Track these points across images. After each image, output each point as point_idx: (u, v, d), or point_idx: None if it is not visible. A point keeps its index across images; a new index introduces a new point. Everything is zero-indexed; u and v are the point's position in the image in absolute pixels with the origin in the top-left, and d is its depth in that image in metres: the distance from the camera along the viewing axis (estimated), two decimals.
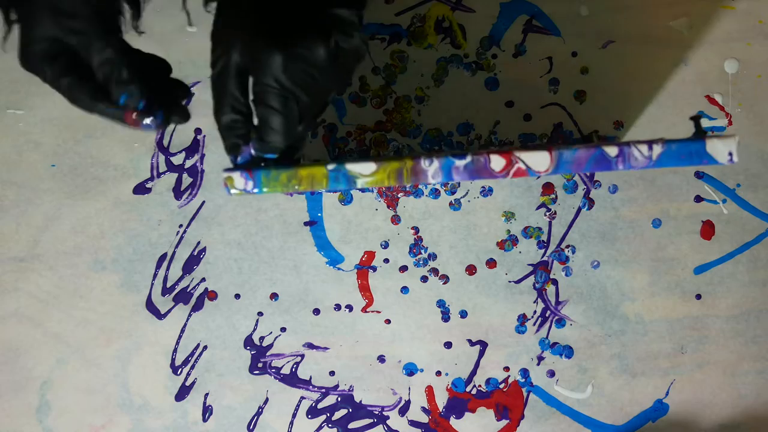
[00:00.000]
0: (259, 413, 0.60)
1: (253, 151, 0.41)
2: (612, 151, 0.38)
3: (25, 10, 0.41)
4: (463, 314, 0.60)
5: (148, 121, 0.41)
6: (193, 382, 0.60)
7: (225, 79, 0.40)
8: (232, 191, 0.40)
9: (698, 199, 0.60)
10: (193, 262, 0.60)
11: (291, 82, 0.39)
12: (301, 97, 0.40)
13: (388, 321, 0.60)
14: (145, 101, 0.40)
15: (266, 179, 0.39)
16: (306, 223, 0.60)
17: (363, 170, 0.39)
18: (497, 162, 0.38)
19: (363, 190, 0.60)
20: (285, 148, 0.41)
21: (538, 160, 0.38)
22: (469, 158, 0.38)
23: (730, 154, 0.38)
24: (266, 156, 0.41)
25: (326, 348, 0.60)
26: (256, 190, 0.40)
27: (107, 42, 0.40)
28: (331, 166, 0.39)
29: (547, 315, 0.60)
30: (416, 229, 0.60)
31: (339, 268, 0.60)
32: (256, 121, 0.41)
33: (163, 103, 0.42)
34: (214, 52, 0.41)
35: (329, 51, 0.40)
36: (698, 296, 0.60)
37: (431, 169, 0.38)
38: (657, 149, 0.38)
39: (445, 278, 0.60)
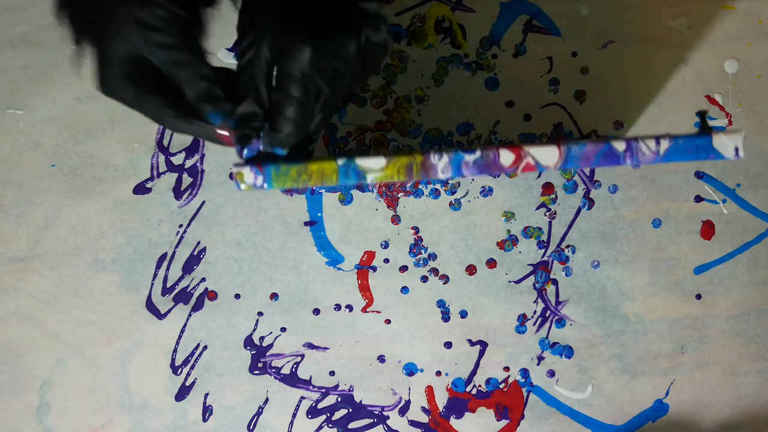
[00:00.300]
0: (259, 413, 0.60)
1: (261, 147, 0.41)
2: (620, 145, 0.38)
3: (104, 28, 0.39)
4: (463, 314, 0.60)
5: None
6: (193, 382, 0.60)
7: (252, 71, 0.39)
8: (242, 186, 0.39)
9: (698, 199, 0.60)
10: (193, 262, 0.60)
11: (317, 75, 0.39)
12: (323, 89, 0.39)
13: (388, 321, 0.60)
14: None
15: (276, 174, 0.39)
16: (306, 223, 0.60)
17: (373, 165, 0.39)
18: (506, 157, 0.38)
19: (363, 190, 0.60)
20: (294, 144, 0.40)
21: (547, 154, 0.38)
22: (478, 153, 0.38)
23: (736, 149, 0.38)
24: (274, 151, 0.41)
25: (326, 348, 0.60)
26: (266, 185, 0.39)
27: (200, 57, 0.39)
28: (341, 161, 0.39)
29: (547, 315, 0.60)
30: (416, 229, 0.60)
31: (339, 268, 0.60)
32: None
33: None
34: (241, 42, 0.40)
35: (359, 45, 0.39)
36: (698, 296, 0.60)
37: (441, 164, 0.38)
38: (664, 144, 0.38)
39: (445, 278, 0.60)
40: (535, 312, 0.60)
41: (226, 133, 0.40)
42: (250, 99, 0.39)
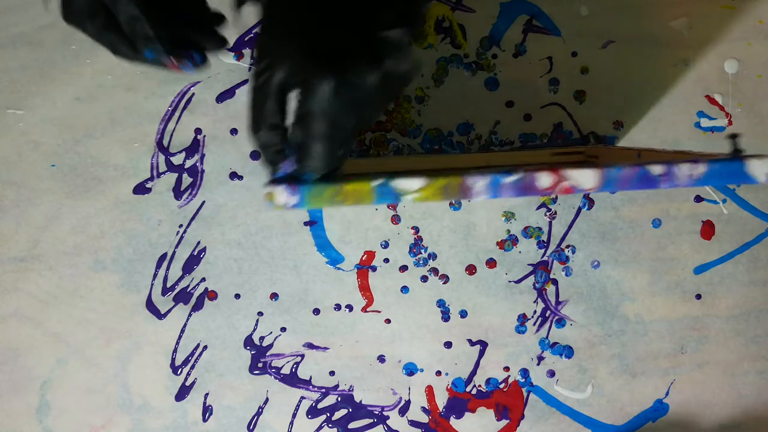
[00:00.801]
0: (259, 413, 0.60)
1: (289, 169, 0.40)
2: (656, 169, 0.38)
3: None
4: (463, 314, 0.60)
5: (186, 65, 0.43)
6: (193, 382, 0.60)
7: (266, 95, 0.39)
8: (274, 206, 0.39)
9: (698, 199, 0.60)
10: (193, 262, 0.60)
11: (339, 109, 0.38)
12: (346, 122, 0.39)
13: (388, 321, 0.60)
14: (169, 54, 0.42)
15: (309, 194, 0.38)
16: (306, 223, 0.60)
17: (409, 186, 0.38)
18: (545, 179, 0.38)
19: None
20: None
21: (586, 177, 0.38)
22: (517, 175, 0.38)
23: None
24: (304, 176, 0.40)
25: (326, 348, 0.60)
26: (299, 206, 0.39)
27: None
28: (376, 182, 0.38)
29: (547, 315, 0.60)
30: (416, 229, 0.60)
31: (339, 268, 0.60)
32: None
33: (200, 36, 0.43)
34: (258, 63, 0.40)
35: (380, 77, 0.39)
36: (698, 296, 0.60)
37: (478, 186, 0.38)
38: (700, 168, 0.39)
39: (445, 278, 0.60)
40: (535, 312, 0.60)
41: (172, 62, 0.43)
42: (266, 125, 0.40)
